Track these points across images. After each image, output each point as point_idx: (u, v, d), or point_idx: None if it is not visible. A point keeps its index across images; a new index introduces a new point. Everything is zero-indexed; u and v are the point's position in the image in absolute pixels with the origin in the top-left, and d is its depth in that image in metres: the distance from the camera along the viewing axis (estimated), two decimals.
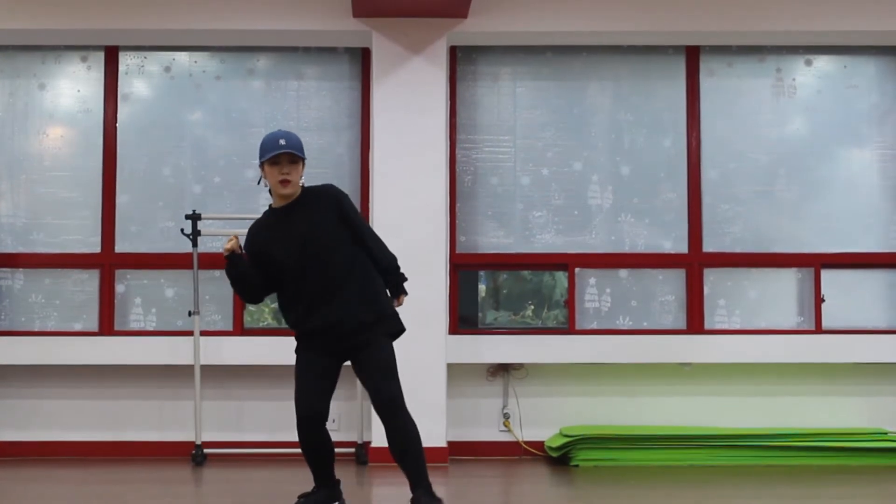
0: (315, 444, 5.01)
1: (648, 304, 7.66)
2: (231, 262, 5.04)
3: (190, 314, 7.21)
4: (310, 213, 5.02)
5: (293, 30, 7.42)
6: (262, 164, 5.04)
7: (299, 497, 5.03)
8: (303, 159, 5.04)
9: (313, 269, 4.96)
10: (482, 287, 7.74)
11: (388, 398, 4.93)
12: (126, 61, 7.72)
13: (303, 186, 5.10)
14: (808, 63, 7.82)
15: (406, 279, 5.17)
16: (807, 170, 7.77)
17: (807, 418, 7.51)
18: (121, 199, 7.64)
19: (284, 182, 4.99)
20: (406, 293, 5.17)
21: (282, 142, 4.97)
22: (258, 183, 5.19)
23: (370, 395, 5.02)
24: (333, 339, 5.00)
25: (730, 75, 7.80)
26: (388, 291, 5.12)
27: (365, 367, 5.00)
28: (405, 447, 4.92)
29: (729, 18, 7.46)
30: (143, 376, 7.48)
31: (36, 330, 7.55)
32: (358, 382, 7.24)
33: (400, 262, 5.18)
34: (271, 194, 5.11)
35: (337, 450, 7.34)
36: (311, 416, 4.97)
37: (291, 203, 5.06)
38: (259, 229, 5.13)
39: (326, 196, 5.08)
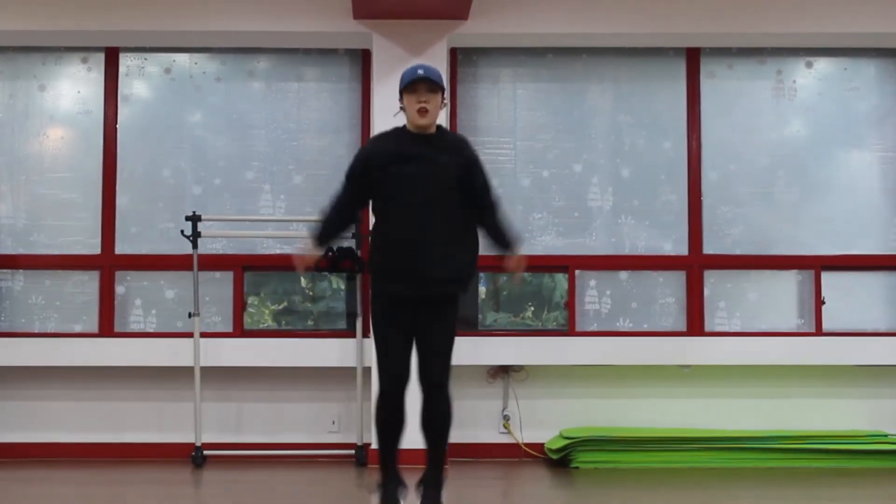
0: (398, 416, 5.02)
1: (648, 306, 7.65)
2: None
3: (190, 316, 7.21)
4: (446, 152, 5.03)
5: (293, 31, 7.43)
6: (401, 97, 5.07)
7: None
8: (442, 90, 5.06)
9: (429, 205, 4.95)
10: (482, 289, 7.74)
11: (435, 382, 5.00)
12: (126, 63, 7.72)
13: (439, 126, 5.13)
14: (809, 65, 7.82)
15: (518, 242, 5.18)
16: (807, 172, 7.77)
17: (807, 420, 7.51)
18: (121, 200, 7.64)
19: (422, 111, 4.99)
20: (519, 249, 5.16)
21: (420, 71, 5.02)
22: (395, 115, 5.19)
23: (418, 368, 5.03)
24: (418, 283, 4.96)
25: (730, 77, 7.80)
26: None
27: (426, 335, 5.01)
28: (435, 430, 5.05)
29: (729, 20, 7.46)
30: (143, 378, 7.48)
31: (36, 331, 7.55)
32: (357, 383, 7.24)
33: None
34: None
35: (336, 451, 7.41)
36: (402, 380, 5.00)
37: (426, 134, 5.07)
38: (385, 141, 5.11)
39: (464, 146, 5.13)
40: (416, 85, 5.00)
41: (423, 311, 5.02)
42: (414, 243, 4.95)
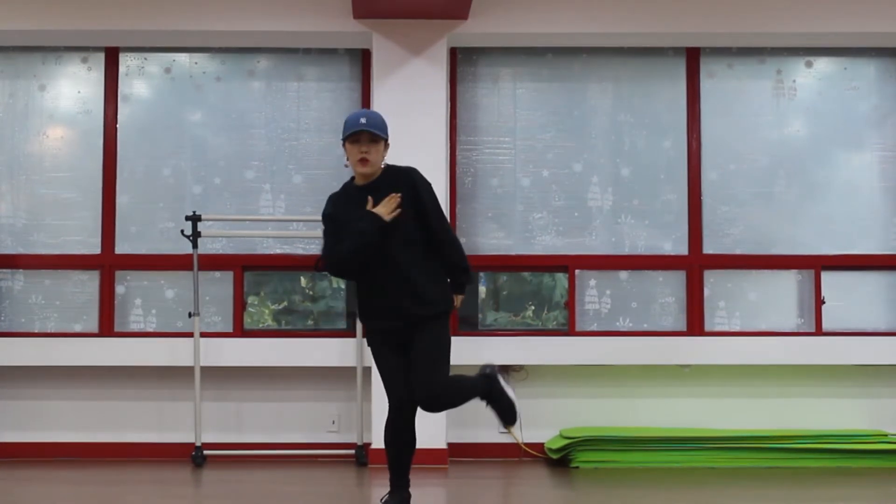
0: (406, 436, 5.08)
1: (648, 306, 7.66)
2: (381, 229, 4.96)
3: (190, 315, 7.22)
4: (395, 190, 5.00)
5: (293, 31, 7.42)
6: (344, 143, 5.05)
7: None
8: (384, 139, 5.05)
9: (380, 254, 4.96)
10: (482, 288, 7.74)
11: (434, 395, 5.01)
12: (126, 62, 7.72)
13: (386, 166, 5.11)
14: (809, 65, 7.82)
15: (471, 281, 5.18)
16: (807, 171, 7.77)
17: (807, 420, 7.51)
18: (121, 200, 7.64)
19: (363, 161, 4.99)
20: (464, 294, 5.20)
21: (362, 120, 4.99)
22: (346, 165, 5.19)
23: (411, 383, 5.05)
24: (390, 330, 5.03)
25: (730, 77, 7.80)
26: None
27: (414, 351, 5.02)
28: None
29: (729, 20, 7.46)
30: (142, 377, 7.48)
31: (36, 331, 7.56)
32: (357, 383, 7.25)
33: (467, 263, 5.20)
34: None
35: (336, 451, 7.41)
36: (406, 401, 5.02)
37: (371, 182, 5.06)
38: (339, 203, 5.11)
39: (405, 179, 5.07)
40: (357, 135, 4.99)
41: (411, 332, 5.03)
42: (384, 293, 4.98)
